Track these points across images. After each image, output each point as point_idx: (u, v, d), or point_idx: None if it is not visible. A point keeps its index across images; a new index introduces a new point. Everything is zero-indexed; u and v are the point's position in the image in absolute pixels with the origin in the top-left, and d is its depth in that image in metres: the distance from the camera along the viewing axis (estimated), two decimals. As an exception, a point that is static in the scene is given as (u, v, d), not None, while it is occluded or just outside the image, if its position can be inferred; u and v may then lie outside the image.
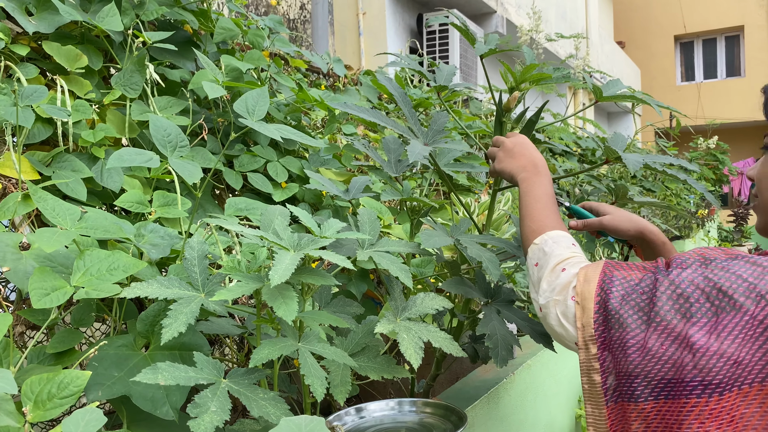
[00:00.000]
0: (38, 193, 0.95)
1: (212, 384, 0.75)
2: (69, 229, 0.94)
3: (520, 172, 1.08)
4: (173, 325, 0.74)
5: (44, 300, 0.80)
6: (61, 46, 1.32)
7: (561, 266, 0.92)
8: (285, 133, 0.99)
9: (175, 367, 0.74)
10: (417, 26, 5.61)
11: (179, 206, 1.26)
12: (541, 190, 1.05)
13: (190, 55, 1.61)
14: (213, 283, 0.84)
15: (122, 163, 0.89)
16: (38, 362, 0.97)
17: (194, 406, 0.71)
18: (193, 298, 0.80)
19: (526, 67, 1.20)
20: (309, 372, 0.79)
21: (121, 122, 1.37)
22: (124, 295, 0.79)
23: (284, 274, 0.72)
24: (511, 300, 1.10)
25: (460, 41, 5.28)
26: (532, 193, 1.04)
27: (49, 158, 1.22)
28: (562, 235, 0.98)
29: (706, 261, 0.81)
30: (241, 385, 0.77)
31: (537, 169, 1.07)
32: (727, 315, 0.75)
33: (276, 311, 0.74)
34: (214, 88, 1.18)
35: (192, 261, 0.85)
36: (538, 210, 1.02)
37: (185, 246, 0.86)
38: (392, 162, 1.18)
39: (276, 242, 0.83)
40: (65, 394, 0.81)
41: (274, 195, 1.55)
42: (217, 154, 1.51)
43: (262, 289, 0.77)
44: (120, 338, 0.95)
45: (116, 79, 1.35)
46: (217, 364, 0.78)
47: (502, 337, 1.02)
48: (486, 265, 0.93)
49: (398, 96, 1.09)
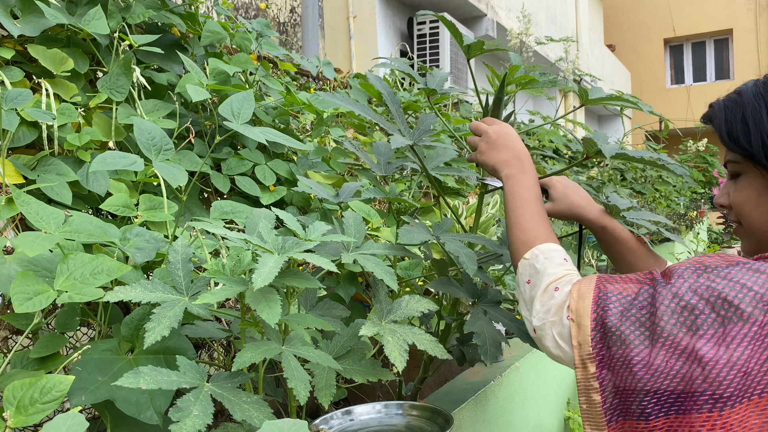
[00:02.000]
0: (22, 197, 0.95)
1: (195, 388, 0.75)
2: (53, 233, 0.94)
3: (504, 167, 1.04)
4: (156, 329, 0.73)
5: (26, 304, 0.79)
6: (46, 49, 1.31)
7: (554, 285, 0.90)
8: (270, 136, 0.99)
9: (157, 371, 0.74)
10: (408, 30, 5.62)
11: (165, 210, 1.25)
12: (528, 192, 1.02)
13: (177, 59, 1.60)
14: (197, 287, 0.83)
15: (106, 167, 0.89)
16: (22, 367, 0.96)
17: (176, 410, 0.70)
18: (177, 301, 0.79)
19: (511, 68, 1.21)
20: (292, 375, 0.79)
21: (107, 126, 1.36)
22: (108, 299, 0.78)
23: (267, 278, 0.72)
24: (498, 301, 1.11)
25: (450, 45, 5.30)
26: (519, 196, 1.01)
27: (34, 162, 1.21)
28: (553, 248, 0.95)
29: (707, 269, 0.80)
30: (224, 389, 0.76)
31: (522, 165, 1.03)
32: (735, 326, 0.74)
33: (260, 314, 0.74)
34: (198, 91, 1.18)
35: (176, 264, 0.85)
36: (526, 217, 0.99)
37: (169, 250, 0.86)
38: (382, 164, 1.18)
39: (260, 245, 0.82)
40: (48, 399, 0.80)
41: (262, 198, 1.54)
42: (204, 157, 1.51)
43: (245, 292, 0.77)
44: (104, 343, 0.95)
45: (102, 83, 1.35)
46: (200, 367, 0.78)
47: (490, 335, 1.02)
48: (462, 260, 0.94)
49: (385, 94, 1.09)
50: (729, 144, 0.91)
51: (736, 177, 0.93)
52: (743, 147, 0.89)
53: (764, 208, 0.89)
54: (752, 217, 0.91)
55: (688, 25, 14.46)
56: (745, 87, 0.94)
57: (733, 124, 0.91)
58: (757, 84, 0.93)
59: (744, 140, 0.89)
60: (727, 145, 0.92)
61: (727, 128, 0.92)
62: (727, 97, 0.96)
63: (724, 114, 0.93)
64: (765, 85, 0.92)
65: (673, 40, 14.91)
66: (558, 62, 4.62)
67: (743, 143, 0.89)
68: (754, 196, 0.90)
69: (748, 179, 0.91)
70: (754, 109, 0.89)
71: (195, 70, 1.28)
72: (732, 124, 0.91)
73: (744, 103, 0.91)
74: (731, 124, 0.91)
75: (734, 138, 0.90)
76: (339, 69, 2.88)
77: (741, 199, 0.92)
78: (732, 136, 0.91)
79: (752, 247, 0.94)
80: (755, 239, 0.92)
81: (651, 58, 14.95)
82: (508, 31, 4.28)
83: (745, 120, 0.89)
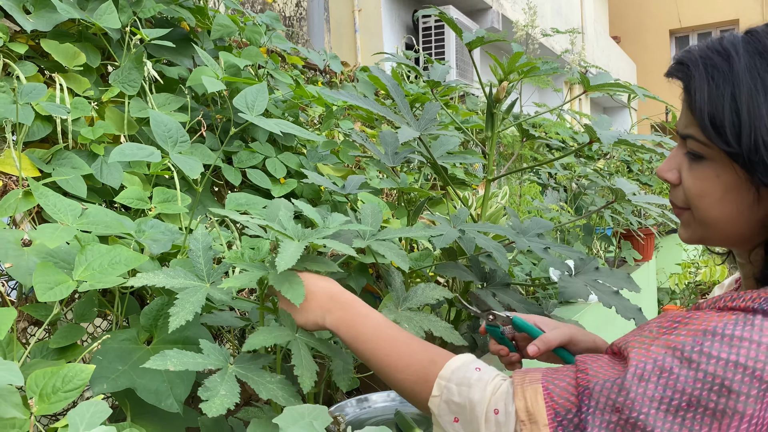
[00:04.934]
0: (40, 189, 0.96)
1: (220, 369, 0.77)
2: (70, 225, 0.95)
3: (325, 315, 0.84)
4: (180, 314, 0.75)
5: (48, 294, 0.80)
6: (59, 43, 1.33)
7: (491, 408, 0.73)
8: (284, 127, 1.00)
9: (183, 354, 0.75)
10: (413, 23, 5.61)
11: (179, 202, 1.27)
12: (369, 322, 0.82)
13: (187, 53, 1.61)
14: (218, 274, 0.85)
15: (124, 158, 0.90)
16: (42, 357, 0.97)
17: (204, 389, 0.72)
18: (199, 287, 0.81)
19: (513, 56, 1.21)
20: (300, 363, 0.79)
21: (119, 119, 1.37)
22: (131, 284, 0.80)
23: (290, 261, 0.73)
24: (507, 283, 1.11)
25: (456, 38, 5.29)
26: (364, 335, 0.81)
27: (48, 155, 1.23)
28: (456, 366, 0.77)
29: (676, 351, 0.65)
30: (248, 370, 0.78)
31: (338, 302, 0.84)
32: (731, 420, 0.62)
33: (284, 294, 0.76)
34: (213, 82, 1.19)
35: (197, 252, 0.86)
36: (395, 351, 0.79)
37: (190, 238, 0.87)
38: (389, 154, 1.19)
39: (281, 232, 0.83)
40: (70, 387, 0.81)
41: (273, 191, 1.55)
42: (216, 150, 1.52)
43: (268, 276, 0.78)
44: (123, 332, 0.96)
45: (114, 77, 1.36)
46: (223, 350, 0.79)
47: (499, 318, 1.02)
48: (495, 254, 0.94)
49: (390, 86, 1.10)
50: (709, 132, 0.71)
51: (698, 158, 0.74)
52: (727, 143, 0.69)
53: (729, 207, 0.73)
54: (711, 213, 0.75)
55: (694, 15, 14.37)
56: (734, 49, 0.71)
57: (718, 107, 0.70)
58: (749, 48, 0.71)
59: (731, 135, 0.69)
60: (706, 132, 0.71)
61: (710, 111, 0.70)
62: (709, 57, 0.73)
63: (706, 87, 0.71)
64: (761, 54, 0.70)
65: (679, 31, 14.83)
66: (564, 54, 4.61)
67: (729, 138, 0.69)
68: (719, 191, 0.73)
69: (715, 169, 0.73)
70: (749, 92, 0.68)
71: (210, 62, 1.29)
72: (717, 107, 0.70)
73: (735, 80, 0.69)
74: (716, 107, 0.70)
75: (718, 127, 0.70)
76: (345, 62, 2.88)
77: (700, 190, 0.75)
78: (715, 124, 0.70)
79: (696, 237, 0.80)
80: (703, 231, 0.78)
81: (656, 49, 14.87)
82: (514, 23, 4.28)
83: (737, 106, 0.69)
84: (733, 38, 0.73)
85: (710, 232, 0.78)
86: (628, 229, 2.87)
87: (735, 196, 0.73)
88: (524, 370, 0.75)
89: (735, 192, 0.73)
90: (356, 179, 1.23)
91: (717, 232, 0.77)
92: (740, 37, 0.73)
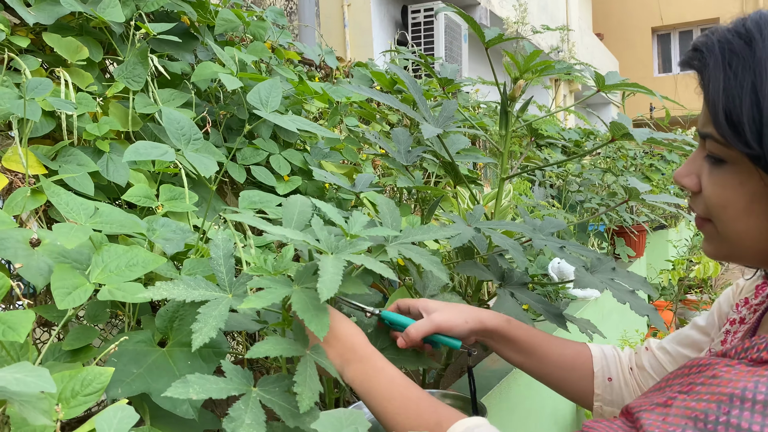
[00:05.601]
0: (52, 187, 0.93)
1: (243, 395, 0.74)
2: (83, 224, 0.93)
3: (343, 366, 0.81)
4: (204, 330, 0.72)
5: (67, 300, 0.78)
6: (61, 37, 1.29)
7: None
8: (300, 124, 0.98)
9: (204, 379, 0.72)
10: (402, 18, 5.60)
11: (187, 200, 1.24)
12: (383, 378, 0.79)
13: (189, 48, 1.58)
14: (240, 284, 0.82)
15: (139, 157, 0.88)
16: (54, 359, 0.95)
17: (229, 420, 0.69)
18: (222, 299, 0.78)
19: (530, 54, 1.20)
20: (303, 381, 0.74)
21: (123, 115, 1.34)
22: (150, 296, 0.77)
23: (332, 286, 0.69)
24: (524, 283, 1.11)
25: (445, 33, 5.28)
26: (377, 391, 0.79)
27: (53, 152, 1.20)
28: (462, 430, 0.72)
29: (698, 422, 0.54)
30: (272, 394, 0.74)
31: (357, 353, 0.81)
32: None
33: (307, 325, 0.72)
34: (231, 80, 1.17)
35: (218, 260, 0.83)
36: (404, 411, 0.76)
37: (210, 245, 0.85)
38: (402, 152, 1.18)
39: (316, 246, 0.80)
40: (89, 391, 0.79)
41: (278, 188, 1.54)
42: (220, 147, 1.50)
43: (291, 296, 0.75)
44: (138, 334, 0.94)
45: (119, 71, 1.33)
46: (246, 373, 0.77)
47: (517, 316, 1.02)
48: (513, 253, 0.94)
49: (409, 83, 1.09)
50: (724, 130, 0.61)
51: (718, 162, 0.66)
52: (747, 143, 0.60)
53: (756, 220, 0.64)
54: (735, 226, 0.66)
55: (676, 14, 14.54)
56: (758, 30, 0.61)
57: (736, 100, 0.60)
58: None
59: (751, 133, 0.59)
60: (721, 130, 0.62)
61: (725, 105, 0.61)
62: (728, 41, 0.62)
63: (722, 76, 0.62)
64: None
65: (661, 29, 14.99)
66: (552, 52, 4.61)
67: (748, 138, 0.59)
68: (743, 201, 0.64)
69: (738, 176, 0.64)
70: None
71: (225, 58, 1.27)
72: (734, 100, 0.60)
73: (758, 67, 0.59)
74: (733, 100, 0.60)
75: (735, 125, 0.60)
76: (341, 57, 2.86)
77: (722, 199, 0.66)
78: (732, 120, 0.60)
79: (721, 254, 0.72)
80: (729, 247, 0.69)
81: (639, 46, 15.02)
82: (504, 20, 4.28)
83: (758, 99, 0.58)
84: (759, 18, 0.62)
85: (737, 248, 0.68)
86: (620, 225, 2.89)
87: (764, 207, 0.63)
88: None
89: (763, 202, 0.63)
90: (366, 177, 1.22)
91: (745, 249, 0.68)
92: (765, 19, 0.62)
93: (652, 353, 1.05)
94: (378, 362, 0.82)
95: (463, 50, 5.62)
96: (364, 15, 5.19)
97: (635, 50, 14.97)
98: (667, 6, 14.34)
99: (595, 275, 1.02)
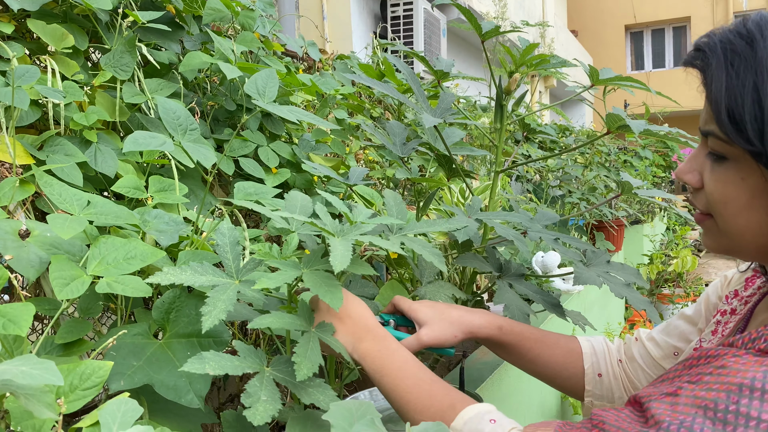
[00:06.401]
0: (44, 177, 0.91)
1: (257, 373, 0.74)
2: (77, 215, 0.91)
3: (355, 343, 0.82)
4: (213, 313, 0.72)
5: (65, 290, 0.76)
6: (46, 24, 1.26)
7: None
8: (300, 115, 0.97)
9: (220, 356, 0.72)
10: (381, 12, 5.58)
11: (177, 191, 1.23)
12: (397, 357, 0.80)
13: (175, 37, 1.55)
14: (247, 270, 0.82)
15: (138, 147, 0.86)
16: (46, 353, 0.93)
17: (247, 395, 0.69)
18: (229, 285, 0.77)
19: (526, 48, 1.21)
20: (303, 353, 0.74)
21: (110, 105, 1.32)
22: (158, 281, 0.76)
23: (344, 260, 0.70)
24: (522, 274, 1.12)
25: (424, 27, 5.28)
26: (390, 369, 0.79)
27: (39, 142, 1.17)
28: (470, 417, 0.73)
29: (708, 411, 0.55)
30: (285, 374, 0.75)
31: (371, 332, 0.83)
32: None
33: (322, 298, 0.73)
34: (231, 69, 1.15)
35: (224, 248, 0.83)
36: (416, 390, 0.77)
37: (216, 233, 0.84)
38: (397, 144, 1.18)
39: (323, 228, 0.80)
40: (88, 384, 0.78)
41: (267, 180, 1.52)
42: (208, 138, 1.48)
43: (302, 275, 0.76)
44: (135, 327, 0.93)
45: (106, 60, 1.30)
46: (259, 352, 0.76)
47: (518, 307, 1.03)
48: (516, 243, 0.94)
49: (407, 74, 1.09)
50: (727, 128, 0.63)
51: (720, 159, 0.68)
52: (749, 140, 0.61)
53: (756, 215, 0.66)
54: (736, 221, 0.68)
55: (649, 12, 14.77)
56: (759, 31, 0.63)
57: (738, 99, 0.62)
58: None
59: (753, 131, 0.61)
60: (723, 128, 0.64)
61: (728, 104, 0.63)
62: (729, 42, 0.64)
63: (725, 76, 0.63)
64: None
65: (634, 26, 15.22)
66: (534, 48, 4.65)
67: (750, 135, 0.61)
68: (744, 196, 0.66)
69: (740, 171, 0.66)
70: None
71: (224, 47, 1.25)
72: (737, 99, 0.62)
73: (759, 67, 0.61)
74: (735, 99, 0.62)
75: (737, 122, 0.62)
76: (324, 50, 2.84)
77: (724, 195, 0.68)
78: (734, 118, 0.62)
79: (722, 247, 0.74)
80: (729, 242, 0.71)
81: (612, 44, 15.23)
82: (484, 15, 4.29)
83: (759, 97, 0.60)
84: (759, 19, 0.64)
85: (737, 243, 0.70)
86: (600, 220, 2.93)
87: (764, 202, 0.65)
88: (536, 424, 0.72)
89: (764, 198, 0.65)
90: (359, 170, 1.22)
91: (745, 244, 0.70)
92: (766, 19, 0.64)
93: (642, 344, 1.07)
94: (392, 344, 0.83)
95: (442, 45, 5.63)
96: (343, 8, 5.16)
97: (608, 47, 15.17)
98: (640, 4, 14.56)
99: (590, 269, 1.03)
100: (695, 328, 1.03)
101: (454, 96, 1.05)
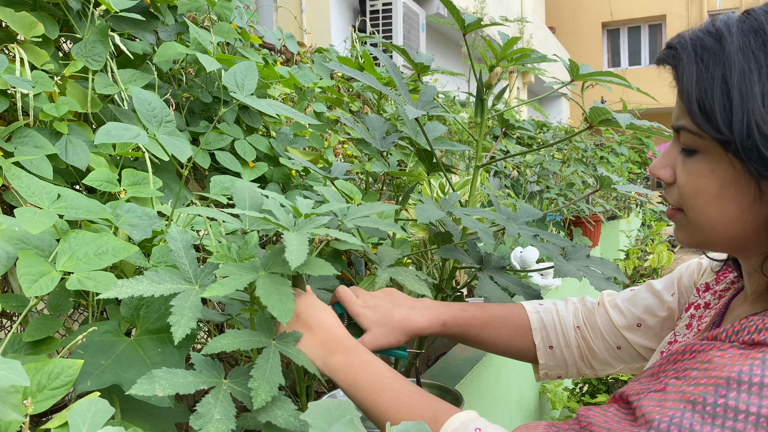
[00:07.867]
0: (12, 169, 0.88)
1: (213, 387, 0.71)
2: (47, 209, 0.88)
3: (325, 357, 0.79)
4: (182, 322, 0.69)
5: (34, 287, 0.74)
6: (14, 12, 1.22)
7: None
8: (279, 108, 0.95)
9: (172, 374, 0.69)
10: (360, 5, 5.55)
11: (151, 185, 1.20)
12: (371, 370, 0.78)
13: (149, 27, 1.52)
14: (206, 274, 0.79)
15: (110, 139, 0.83)
16: (13, 352, 0.90)
17: (197, 417, 0.66)
18: (190, 291, 0.75)
19: (507, 42, 1.20)
20: (261, 375, 0.71)
21: (82, 96, 1.28)
22: (113, 295, 0.73)
23: (300, 255, 0.68)
24: (502, 267, 1.12)
25: (403, 21, 5.26)
26: (365, 383, 0.77)
27: (7, 133, 1.13)
28: (454, 428, 0.71)
29: (696, 405, 0.56)
30: (243, 386, 0.72)
31: (342, 344, 0.80)
32: None
33: (270, 311, 0.69)
34: (210, 60, 1.12)
35: (178, 253, 0.80)
36: (396, 404, 0.75)
37: (167, 237, 0.81)
38: (377, 138, 1.17)
39: (275, 223, 0.79)
40: (57, 384, 0.75)
41: (243, 174, 1.50)
42: (183, 131, 1.45)
43: (256, 281, 0.73)
44: (104, 324, 0.90)
45: (78, 50, 1.26)
46: (216, 364, 0.74)
47: (499, 299, 1.03)
48: (481, 235, 0.94)
49: (389, 67, 1.07)
50: (698, 118, 0.66)
51: (691, 153, 0.70)
52: (718, 129, 0.64)
53: (726, 206, 0.67)
54: (707, 213, 0.69)
55: (625, 9, 14.93)
56: (726, 28, 0.66)
57: (707, 90, 0.65)
58: (743, 27, 0.65)
59: (722, 120, 0.63)
60: (694, 118, 0.66)
61: (698, 96, 0.65)
62: (699, 39, 0.68)
63: (695, 70, 0.67)
64: (756, 32, 0.64)
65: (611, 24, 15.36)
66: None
67: (719, 124, 0.64)
68: (714, 187, 0.68)
69: (710, 163, 0.68)
70: (741, 72, 0.62)
71: (202, 37, 1.22)
72: (706, 90, 0.65)
73: (727, 61, 0.64)
74: (705, 91, 0.65)
75: (707, 113, 0.65)
76: (302, 42, 2.81)
77: (694, 187, 0.70)
78: (704, 109, 0.65)
79: (694, 241, 0.75)
80: (701, 234, 0.73)
81: (589, 41, 15.37)
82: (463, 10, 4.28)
83: (727, 88, 0.63)
84: (727, 18, 0.68)
85: (709, 235, 0.71)
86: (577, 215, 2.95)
87: (734, 192, 0.66)
88: (526, 426, 0.71)
89: (733, 188, 0.66)
90: (342, 165, 1.20)
91: (716, 235, 0.71)
92: (735, 17, 0.67)
93: (605, 310, 1.07)
94: (364, 355, 0.80)
95: (421, 39, 5.62)
96: (322, 0, 5.12)
97: (585, 44, 15.30)
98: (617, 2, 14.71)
99: (571, 263, 1.03)
100: (661, 302, 1.03)
101: (435, 89, 1.04)
